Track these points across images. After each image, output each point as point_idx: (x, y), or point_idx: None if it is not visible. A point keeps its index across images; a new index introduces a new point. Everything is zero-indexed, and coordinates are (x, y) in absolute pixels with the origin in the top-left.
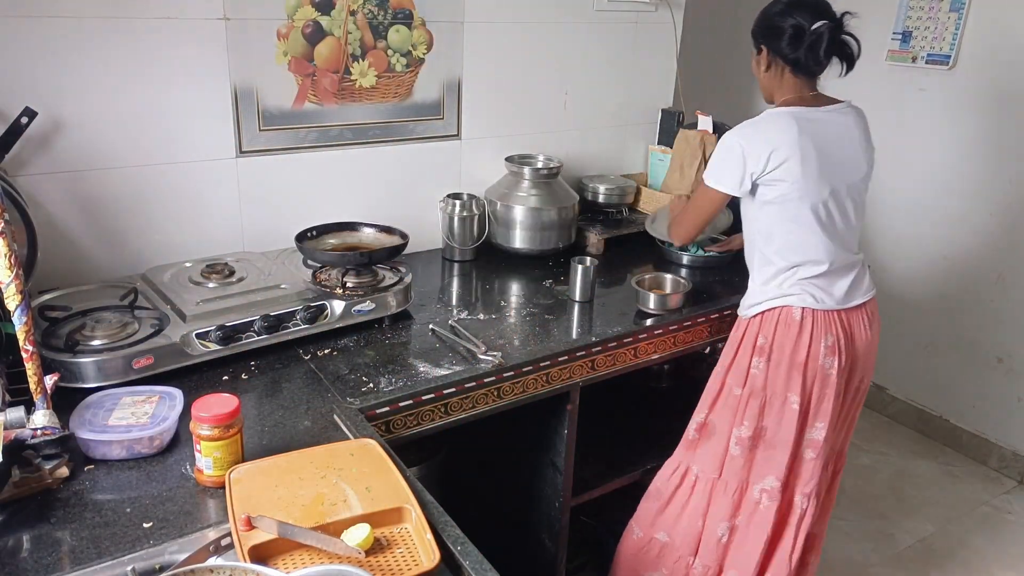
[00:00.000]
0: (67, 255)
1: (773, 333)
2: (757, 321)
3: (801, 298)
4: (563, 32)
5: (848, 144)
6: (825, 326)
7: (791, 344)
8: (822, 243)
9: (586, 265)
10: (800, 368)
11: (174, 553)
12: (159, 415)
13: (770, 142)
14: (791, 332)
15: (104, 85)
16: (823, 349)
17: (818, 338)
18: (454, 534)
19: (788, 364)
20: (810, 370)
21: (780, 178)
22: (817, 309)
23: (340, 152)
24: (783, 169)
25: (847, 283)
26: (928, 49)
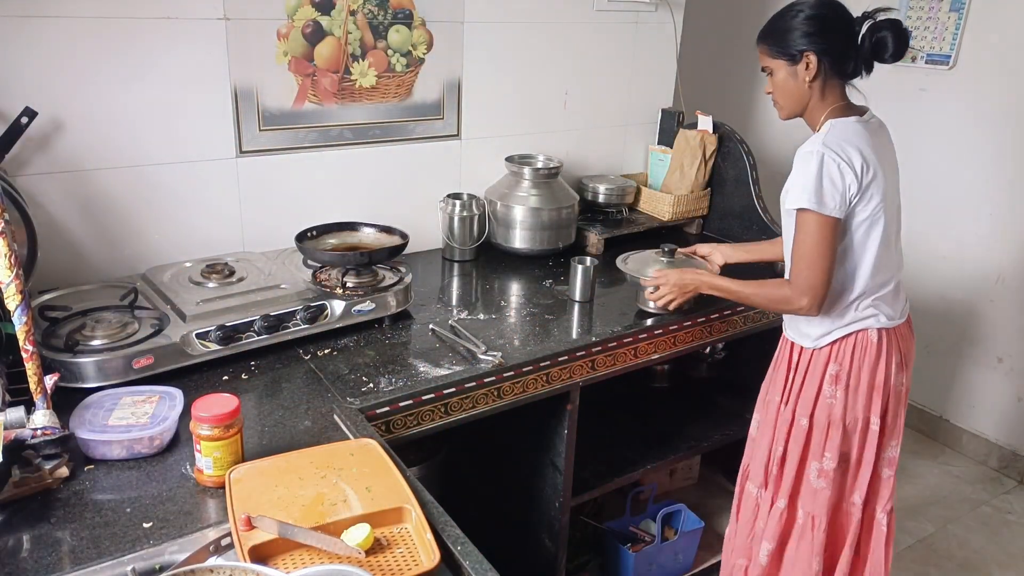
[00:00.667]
0: (67, 255)
1: (850, 361)
2: (827, 351)
3: (877, 319)
4: (563, 32)
5: (890, 151)
6: (895, 344)
7: (870, 368)
8: (892, 258)
9: (586, 265)
10: (880, 391)
11: (174, 553)
12: (159, 415)
13: (860, 155)
14: (869, 356)
15: (104, 85)
16: (895, 368)
17: (891, 357)
18: (454, 534)
19: (868, 388)
20: (888, 390)
21: (873, 193)
22: (889, 328)
23: (340, 152)
24: (875, 184)
25: (903, 296)
26: (928, 49)
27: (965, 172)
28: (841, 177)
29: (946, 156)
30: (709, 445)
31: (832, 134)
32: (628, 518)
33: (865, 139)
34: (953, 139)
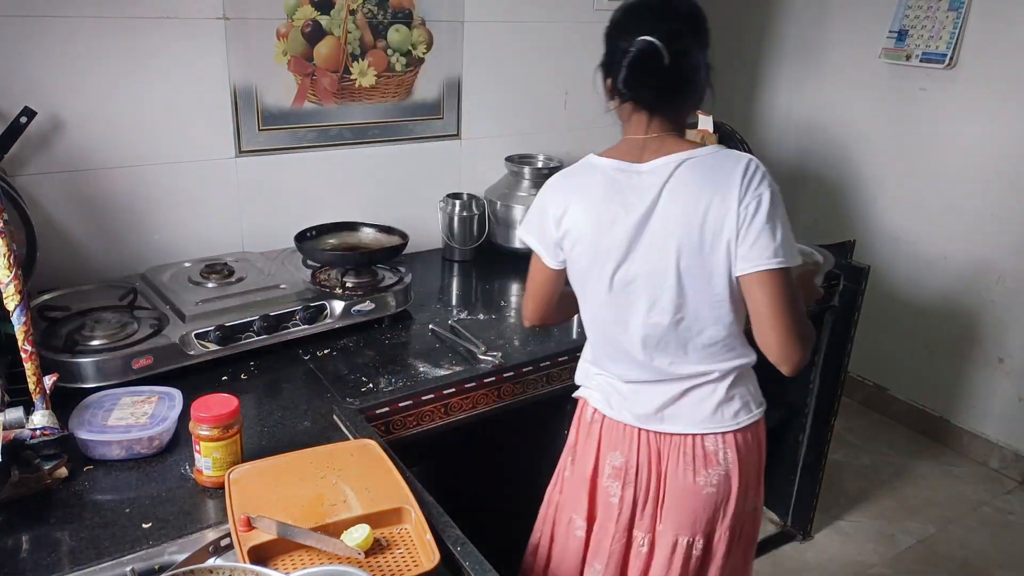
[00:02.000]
0: (67, 255)
1: (577, 427)
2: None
3: (595, 396)
4: (563, 32)
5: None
6: (614, 440)
7: (582, 449)
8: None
9: None
10: (587, 482)
11: (173, 554)
12: (158, 415)
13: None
14: (582, 434)
15: (103, 85)
16: (607, 468)
17: (600, 450)
18: (454, 534)
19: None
20: (594, 489)
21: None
22: (609, 418)
23: (340, 152)
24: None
25: (663, 396)
26: (923, 48)
27: (964, 172)
28: (541, 213)
29: (945, 156)
30: None
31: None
32: None
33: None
34: (953, 139)
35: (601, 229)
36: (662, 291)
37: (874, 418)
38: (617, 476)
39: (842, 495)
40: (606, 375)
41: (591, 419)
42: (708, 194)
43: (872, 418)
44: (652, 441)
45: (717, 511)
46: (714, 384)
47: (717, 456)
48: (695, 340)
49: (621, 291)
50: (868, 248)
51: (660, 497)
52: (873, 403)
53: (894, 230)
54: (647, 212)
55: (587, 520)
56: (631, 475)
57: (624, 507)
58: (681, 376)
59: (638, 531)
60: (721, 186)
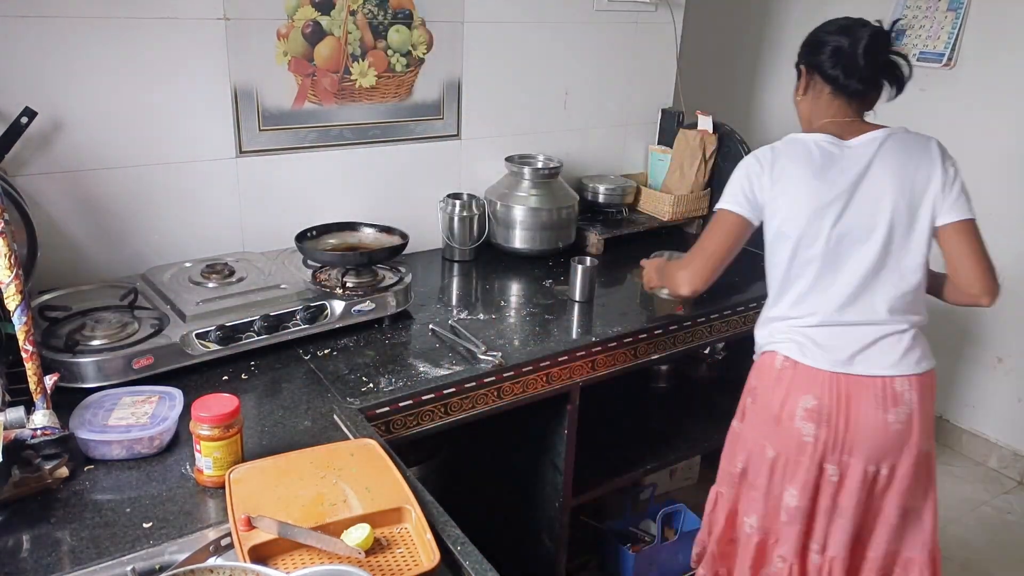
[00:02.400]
0: (67, 255)
1: (756, 375)
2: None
3: (787, 347)
4: (563, 32)
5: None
6: (812, 386)
7: (767, 393)
8: (825, 292)
9: (586, 265)
10: (777, 423)
11: (174, 553)
12: (159, 415)
13: (780, 165)
14: (768, 380)
15: (104, 85)
16: (801, 411)
17: (796, 395)
18: (454, 534)
19: (765, 414)
20: (789, 429)
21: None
22: (806, 365)
23: (340, 152)
24: (781, 200)
25: (857, 344)
26: (921, 47)
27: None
28: (748, 179)
29: None
30: (709, 445)
31: (776, 143)
32: (628, 518)
33: (802, 151)
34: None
35: (819, 190)
36: (871, 243)
37: None
38: (810, 418)
39: None
40: (800, 327)
41: (780, 367)
42: (916, 160)
43: None
44: (843, 384)
45: (902, 445)
46: (900, 334)
47: (903, 396)
48: (892, 291)
49: (835, 244)
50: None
51: (850, 433)
52: None
53: None
54: (860, 175)
55: (776, 450)
56: (824, 415)
57: (818, 444)
58: (876, 322)
59: (829, 464)
60: (925, 154)
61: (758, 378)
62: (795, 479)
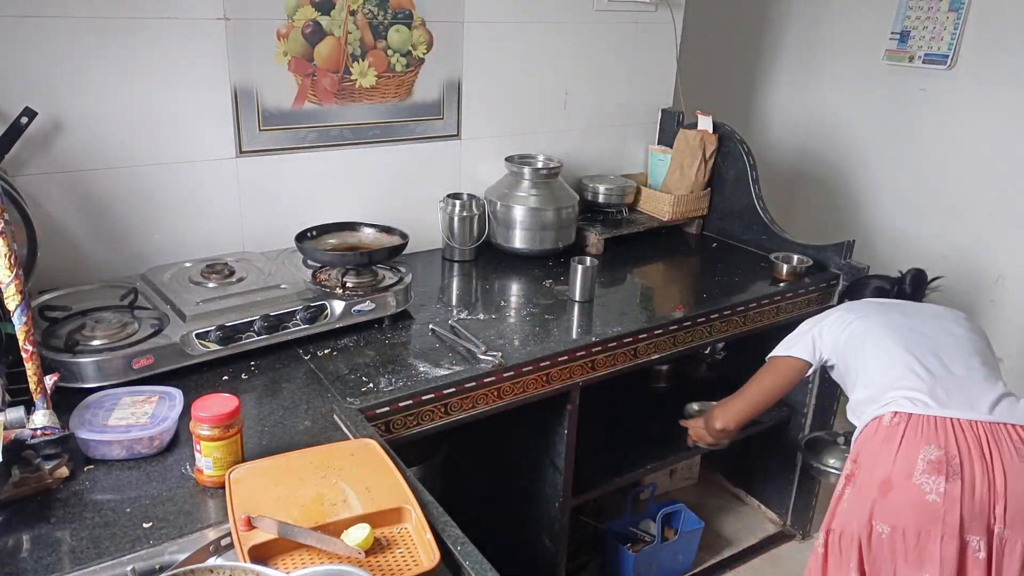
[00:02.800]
0: (67, 255)
1: (860, 450)
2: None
3: (899, 404)
4: (563, 32)
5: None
6: (934, 435)
7: (875, 456)
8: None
9: (586, 265)
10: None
11: (174, 553)
12: (159, 415)
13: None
14: (877, 441)
15: (104, 85)
16: (925, 465)
17: (916, 447)
18: (454, 534)
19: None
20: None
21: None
22: (924, 415)
23: (340, 152)
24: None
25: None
26: (926, 49)
27: (964, 172)
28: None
29: (945, 156)
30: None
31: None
32: (628, 518)
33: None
34: (952, 139)
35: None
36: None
37: None
38: (936, 470)
39: None
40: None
41: (889, 424)
42: None
43: None
44: (977, 430)
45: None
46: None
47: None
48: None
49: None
50: (868, 248)
51: (994, 492)
52: None
53: (894, 230)
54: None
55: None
56: (954, 466)
57: (949, 502)
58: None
59: (970, 534)
60: None
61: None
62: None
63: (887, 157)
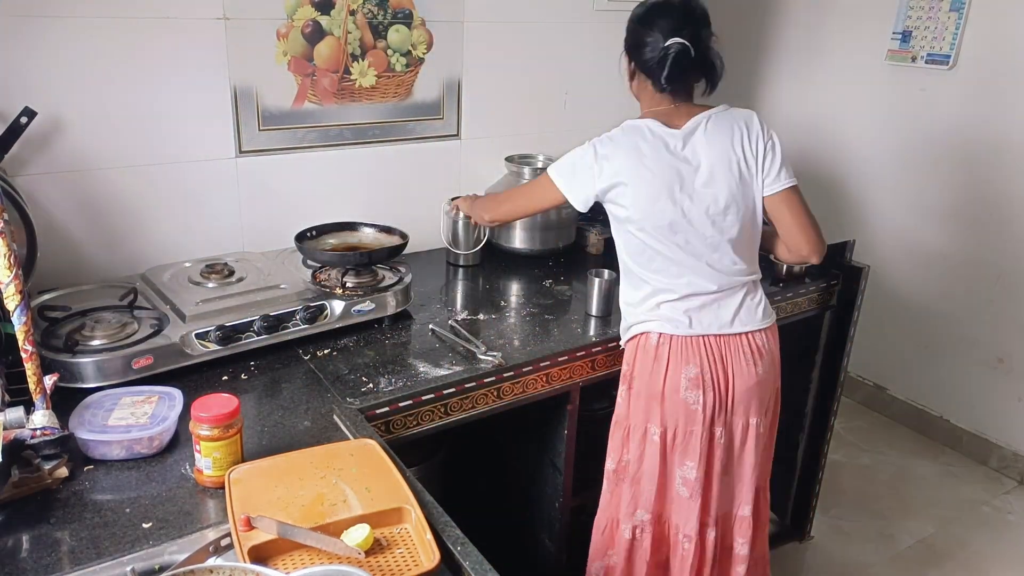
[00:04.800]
0: (67, 255)
1: (634, 360)
2: (628, 347)
3: (659, 324)
4: (563, 32)
5: (705, 162)
6: (687, 355)
7: (648, 372)
8: (675, 266)
9: (604, 279)
10: (658, 399)
11: (174, 553)
12: (159, 415)
13: (618, 154)
14: (647, 358)
15: (104, 85)
16: (684, 381)
17: (677, 367)
18: (454, 534)
19: (646, 394)
20: (669, 402)
21: (620, 201)
22: (675, 335)
23: (340, 152)
24: (623, 193)
25: (718, 308)
26: (928, 49)
27: (964, 172)
28: (583, 164)
29: (945, 156)
30: None
31: (612, 135)
32: None
33: (638, 143)
34: (953, 139)
35: (660, 178)
36: (719, 217)
37: (874, 418)
38: (695, 385)
39: (842, 495)
40: (669, 304)
41: (656, 344)
42: (737, 138)
43: (872, 418)
44: (715, 346)
45: (769, 395)
46: (751, 291)
47: (764, 348)
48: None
49: (689, 221)
50: (868, 248)
51: (730, 392)
52: (873, 403)
53: (894, 230)
54: (693, 158)
55: (661, 427)
56: (707, 380)
57: (706, 409)
58: (734, 286)
59: (717, 426)
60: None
61: (634, 362)
62: (688, 451)
63: (887, 157)
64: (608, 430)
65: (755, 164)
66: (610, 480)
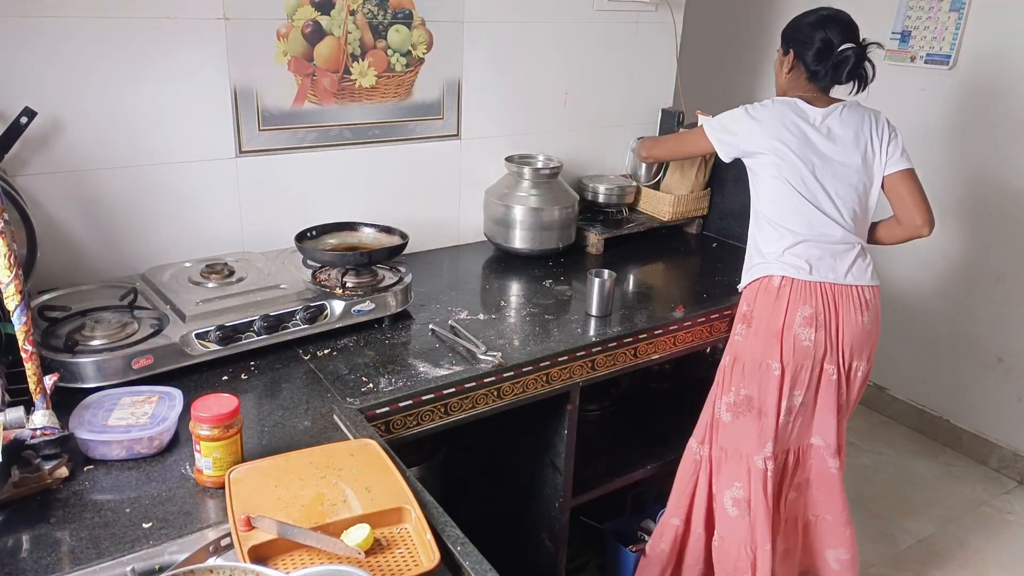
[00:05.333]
0: (67, 255)
1: (755, 300)
2: (749, 289)
3: (782, 267)
4: (563, 32)
5: (839, 136)
6: (803, 297)
7: (768, 311)
8: (811, 220)
9: (603, 279)
10: (777, 335)
11: (174, 553)
12: (159, 415)
13: (766, 118)
14: (769, 299)
15: (104, 85)
16: (799, 319)
17: (795, 307)
18: (454, 534)
19: (765, 331)
20: (786, 338)
21: (763, 159)
22: (796, 279)
23: (340, 152)
24: (766, 150)
25: (835, 261)
26: (928, 49)
27: (964, 172)
28: (735, 122)
29: (945, 156)
30: None
31: (764, 104)
32: (628, 518)
33: (786, 113)
34: (953, 139)
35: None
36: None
37: (874, 418)
38: (808, 324)
39: None
40: (792, 251)
41: (779, 286)
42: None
43: (872, 418)
44: (830, 292)
45: (871, 344)
46: (862, 254)
47: (871, 303)
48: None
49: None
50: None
51: (840, 334)
52: (873, 403)
53: None
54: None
55: (780, 362)
56: (820, 320)
57: (817, 347)
58: (849, 242)
59: (828, 363)
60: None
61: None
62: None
63: None
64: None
65: (879, 147)
66: (728, 415)
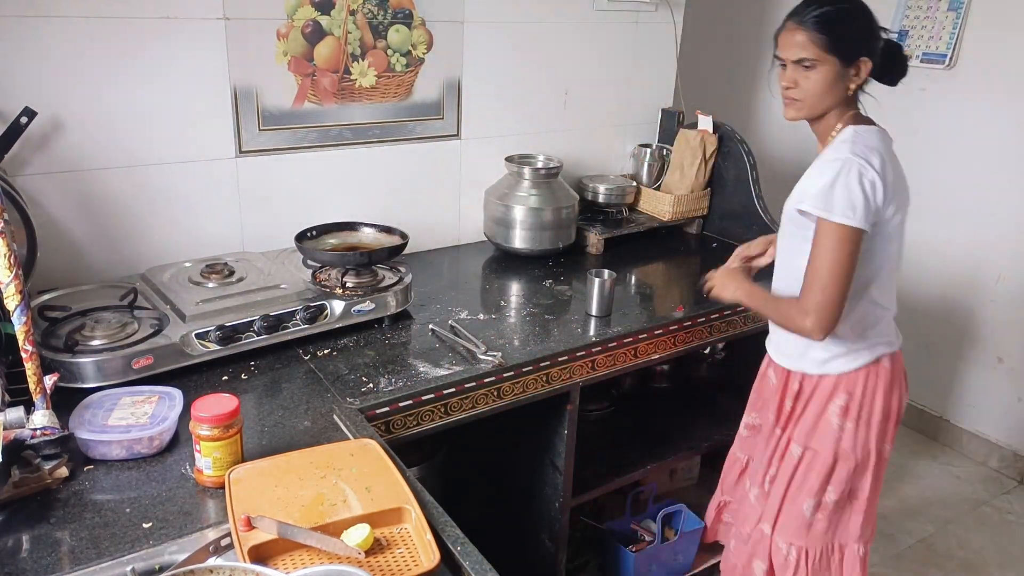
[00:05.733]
0: (67, 255)
1: (862, 391)
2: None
3: (887, 343)
4: (563, 32)
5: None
6: (901, 366)
7: (884, 397)
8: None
9: (603, 279)
10: (894, 418)
11: (174, 553)
12: (159, 415)
13: (883, 165)
14: (883, 385)
15: (103, 85)
16: (902, 391)
17: (902, 382)
18: (454, 534)
19: (883, 417)
20: (899, 416)
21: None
22: (896, 352)
23: (340, 152)
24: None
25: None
26: (924, 48)
27: (964, 172)
28: (872, 188)
29: (945, 156)
30: (709, 445)
31: (859, 143)
32: (628, 518)
33: (886, 149)
34: (952, 139)
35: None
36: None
37: None
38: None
39: None
40: (888, 319)
41: (891, 365)
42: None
43: None
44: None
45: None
46: None
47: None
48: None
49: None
50: None
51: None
52: None
53: None
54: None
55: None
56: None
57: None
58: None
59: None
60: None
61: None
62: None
63: None
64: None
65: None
66: (824, 512)
